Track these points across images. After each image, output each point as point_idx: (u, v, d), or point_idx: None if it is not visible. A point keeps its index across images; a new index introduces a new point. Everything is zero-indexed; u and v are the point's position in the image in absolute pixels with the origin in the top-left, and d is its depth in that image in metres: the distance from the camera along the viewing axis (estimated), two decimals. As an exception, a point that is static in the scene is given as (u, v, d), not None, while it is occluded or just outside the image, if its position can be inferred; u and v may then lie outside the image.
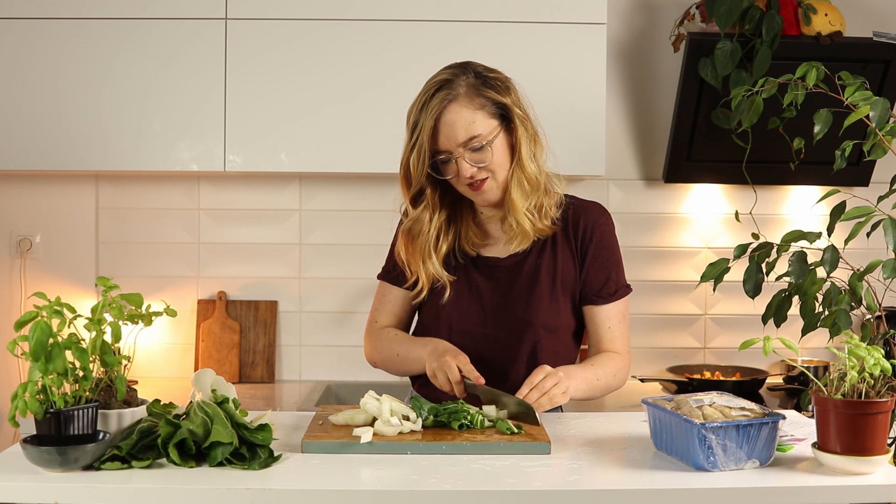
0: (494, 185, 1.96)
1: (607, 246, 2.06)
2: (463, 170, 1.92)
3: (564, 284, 2.04)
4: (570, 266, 2.04)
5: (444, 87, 1.93)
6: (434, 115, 1.91)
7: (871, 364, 1.55)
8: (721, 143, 3.01)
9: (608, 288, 2.05)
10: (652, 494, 1.50)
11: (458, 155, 1.92)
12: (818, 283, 2.29)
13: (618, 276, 2.07)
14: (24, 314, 1.55)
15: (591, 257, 2.04)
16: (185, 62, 2.88)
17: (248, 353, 3.23)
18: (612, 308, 2.06)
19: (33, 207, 3.23)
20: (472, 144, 1.91)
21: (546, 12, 2.91)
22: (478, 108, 1.92)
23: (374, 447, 1.65)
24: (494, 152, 1.93)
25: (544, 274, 2.03)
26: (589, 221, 2.05)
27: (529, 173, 1.96)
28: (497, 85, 1.97)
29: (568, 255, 2.04)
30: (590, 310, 2.07)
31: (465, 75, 1.95)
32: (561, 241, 2.04)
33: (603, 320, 2.06)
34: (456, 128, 1.91)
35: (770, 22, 2.88)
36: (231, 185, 3.25)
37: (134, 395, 1.71)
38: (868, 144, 2.27)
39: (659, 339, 3.32)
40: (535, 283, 2.02)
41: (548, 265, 2.03)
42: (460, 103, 1.91)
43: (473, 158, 1.92)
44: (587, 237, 2.04)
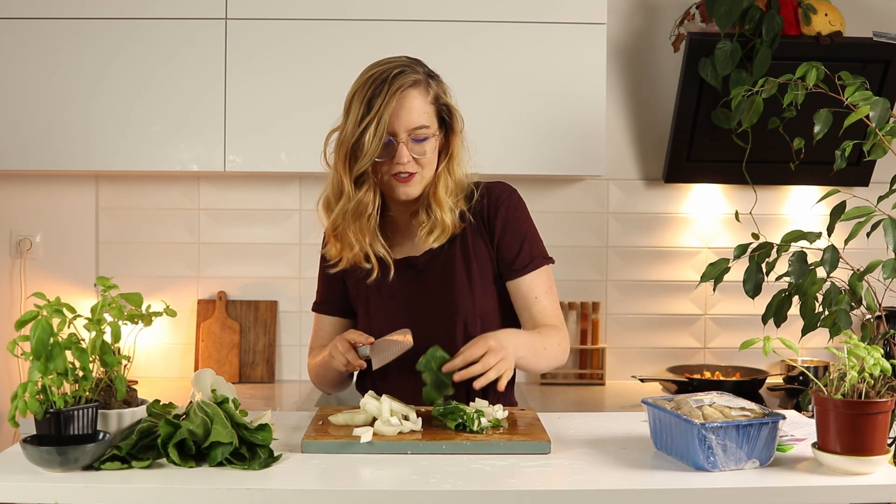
0: (419, 181, 1.95)
1: (514, 220, 2.04)
2: (401, 155, 1.90)
3: (482, 268, 2.02)
4: (483, 249, 2.03)
5: (405, 73, 1.90)
6: (397, 95, 1.88)
7: (871, 364, 1.55)
8: (721, 143, 3.01)
9: (521, 259, 2.02)
10: (652, 494, 1.50)
11: (402, 140, 1.91)
12: (818, 283, 2.29)
13: (531, 247, 2.03)
14: (24, 314, 1.55)
15: (500, 232, 2.02)
16: (185, 62, 2.88)
17: (248, 353, 3.23)
18: (533, 278, 2.02)
19: (33, 207, 3.23)
20: (417, 134, 1.91)
21: (546, 12, 2.91)
22: (431, 101, 1.93)
23: (373, 447, 1.65)
24: (431, 149, 1.94)
25: (459, 262, 2.01)
26: (492, 199, 2.04)
27: (459, 178, 1.99)
28: (445, 88, 1.98)
29: (479, 239, 2.03)
30: (511, 284, 2.03)
31: (420, 67, 1.95)
32: (469, 228, 2.03)
33: (526, 292, 2.02)
34: (412, 113, 1.89)
35: (770, 22, 2.88)
36: (231, 185, 3.25)
37: (134, 395, 1.71)
38: (868, 144, 2.27)
39: (659, 339, 3.32)
40: (452, 273, 2.01)
41: (461, 253, 2.02)
42: (419, 91, 1.91)
43: (414, 148, 1.92)
44: (492, 214, 2.03)
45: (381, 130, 1.87)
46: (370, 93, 1.89)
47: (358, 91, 1.91)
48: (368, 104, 1.88)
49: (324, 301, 2.16)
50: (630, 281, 3.31)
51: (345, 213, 1.96)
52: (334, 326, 2.15)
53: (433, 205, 1.97)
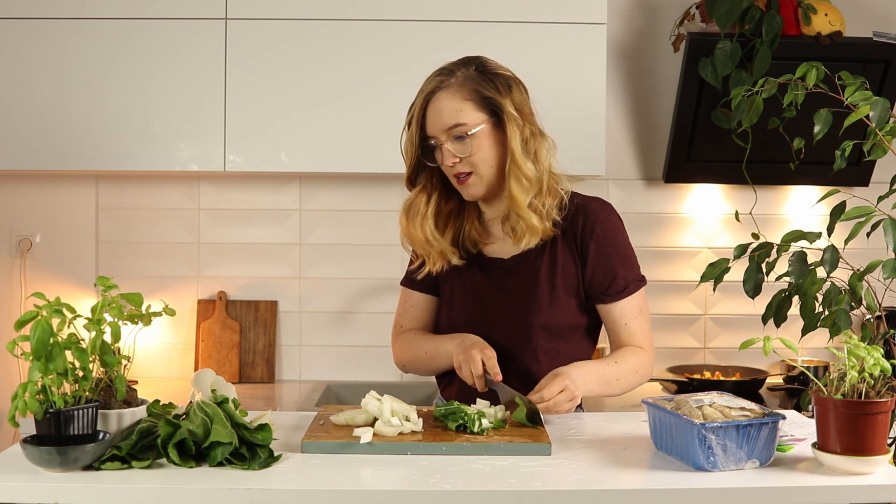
0: (478, 181, 1.96)
1: (611, 242, 2.02)
2: (444, 157, 1.94)
3: (566, 283, 2.01)
4: (571, 264, 2.01)
5: (441, 75, 1.96)
6: (425, 99, 1.95)
7: (871, 364, 1.55)
8: (721, 143, 3.01)
9: (616, 285, 2.00)
10: (652, 494, 1.50)
11: (441, 141, 1.94)
12: (818, 283, 2.29)
13: (626, 272, 2.01)
14: (24, 314, 1.55)
15: (594, 255, 2.00)
16: (185, 62, 2.88)
17: (248, 353, 3.23)
18: (626, 304, 2.01)
19: (33, 207, 3.23)
20: (455, 132, 1.92)
21: (546, 12, 2.91)
22: (466, 98, 1.93)
23: (374, 447, 1.65)
24: (478, 146, 1.93)
25: (543, 274, 2.01)
26: (588, 218, 2.02)
27: (526, 170, 1.94)
28: (497, 82, 1.96)
29: (567, 254, 2.01)
30: (603, 308, 2.03)
31: (467, 67, 1.97)
32: (560, 240, 2.02)
33: (618, 318, 2.02)
34: (442, 114, 1.93)
35: (770, 22, 2.88)
36: (231, 185, 3.25)
37: (134, 395, 1.71)
38: (868, 144, 2.27)
39: (659, 339, 3.30)
40: (535, 283, 2.00)
41: (547, 265, 2.01)
42: (451, 91, 1.94)
43: (456, 148, 1.93)
44: (586, 234, 2.01)
45: (413, 136, 1.96)
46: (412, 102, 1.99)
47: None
48: (409, 112, 1.98)
49: (413, 275, 2.13)
50: (630, 281, 3.30)
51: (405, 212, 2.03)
52: (422, 303, 2.15)
53: (514, 208, 1.96)
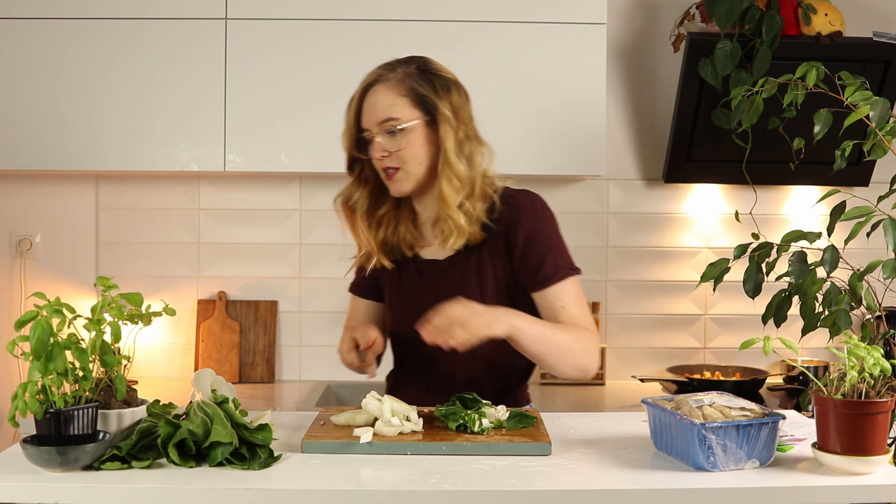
0: (405, 177, 1.96)
1: (538, 230, 1.98)
2: (374, 150, 1.95)
3: (497, 282, 1.99)
4: (501, 263, 1.99)
5: (382, 69, 1.98)
6: (363, 91, 1.97)
7: (871, 364, 1.55)
8: (721, 143, 3.01)
9: (545, 270, 1.95)
10: (652, 494, 1.50)
11: (373, 134, 1.94)
12: (818, 283, 2.29)
13: (556, 259, 1.97)
14: (24, 314, 1.55)
15: (522, 244, 1.97)
16: (185, 62, 2.88)
17: (248, 353, 3.23)
18: (560, 288, 1.95)
19: (33, 207, 3.23)
20: (386, 126, 1.93)
21: (546, 12, 2.91)
22: (403, 93, 1.94)
23: (373, 447, 1.65)
24: (408, 141, 1.93)
25: (472, 274, 1.99)
26: (514, 211, 1.99)
27: (457, 170, 1.93)
28: (435, 82, 1.97)
29: (498, 251, 1.99)
30: (538, 297, 1.97)
31: (409, 65, 1.98)
32: (490, 238, 1.99)
33: (553, 301, 1.95)
34: (377, 107, 1.94)
35: (770, 22, 2.88)
36: (231, 185, 3.25)
37: (134, 395, 1.71)
38: (868, 144, 2.27)
39: (659, 339, 3.32)
40: (465, 283, 1.99)
41: (475, 264, 1.99)
42: (388, 85, 1.95)
43: (386, 142, 1.94)
44: (514, 226, 1.97)
45: (350, 127, 1.97)
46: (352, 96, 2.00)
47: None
48: (348, 106, 1.99)
49: (358, 283, 2.19)
50: (630, 281, 3.31)
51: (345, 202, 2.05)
52: (367, 309, 2.19)
53: (442, 207, 1.95)
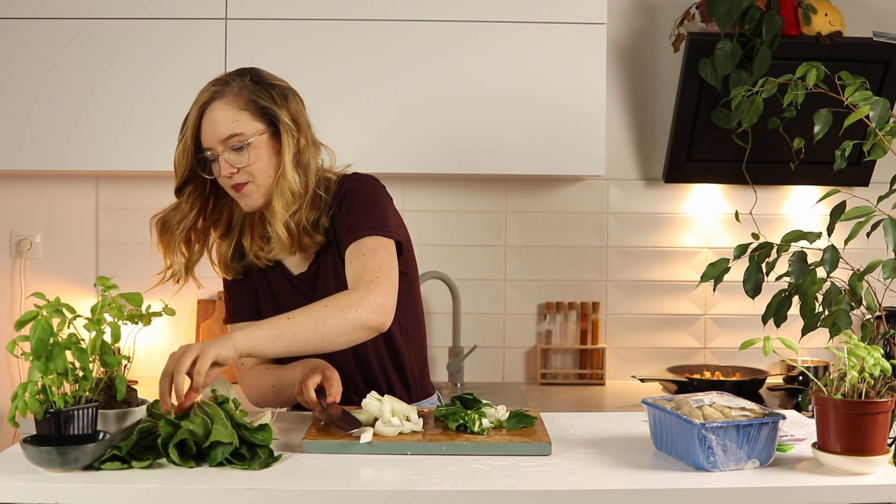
0: (255, 190, 1.92)
1: (355, 193, 1.95)
2: (222, 168, 1.89)
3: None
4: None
5: (217, 85, 1.92)
6: (200, 110, 1.90)
7: (871, 364, 1.55)
8: (721, 143, 3.01)
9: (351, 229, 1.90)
10: (652, 494, 1.50)
11: (218, 152, 1.89)
12: (818, 283, 2.29)
13: (369, 219, 1.91)
14: (24, 314, 1.55)
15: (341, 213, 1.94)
16: (185, 62, 2.88)
17: (248, 353, 3.23)
18: (358, 244, 1.87)
19: (33, 207, 3.23)
20: (232, 143, 1.88)
21: (546, 12, 2.91)
22: (242, 107, 1.90)
23: (373, 447, 1.65)
24: (255, 156, 1.89)
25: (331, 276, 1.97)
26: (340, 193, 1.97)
27: (292, 184, 1.90)
28: (272, 92, 1.94)
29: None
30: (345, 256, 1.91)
31: (242, 78, 1.94)
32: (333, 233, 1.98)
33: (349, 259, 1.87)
34: (218, 124, 1.89)
35: (770, 22, 2.88)
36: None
37: (134, 395, 1.71)
38: (868, 144, 2.27)
39: (659, 339, 3.32)
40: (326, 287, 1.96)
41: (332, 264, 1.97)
42: (226, 101, 1.90)
43: (232, 158, 1.89)
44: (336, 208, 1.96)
45: (187, 149, 1.91)
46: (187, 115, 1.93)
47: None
48: (183, 124, 1.93)
49: (235, 310, 2.08)
50: (630, 281, 3.31)
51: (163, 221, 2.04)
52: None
53: (269, 217, 1.94)
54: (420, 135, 2.90)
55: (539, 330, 3.30)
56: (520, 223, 3.29)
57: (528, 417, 1.79)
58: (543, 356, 3.26)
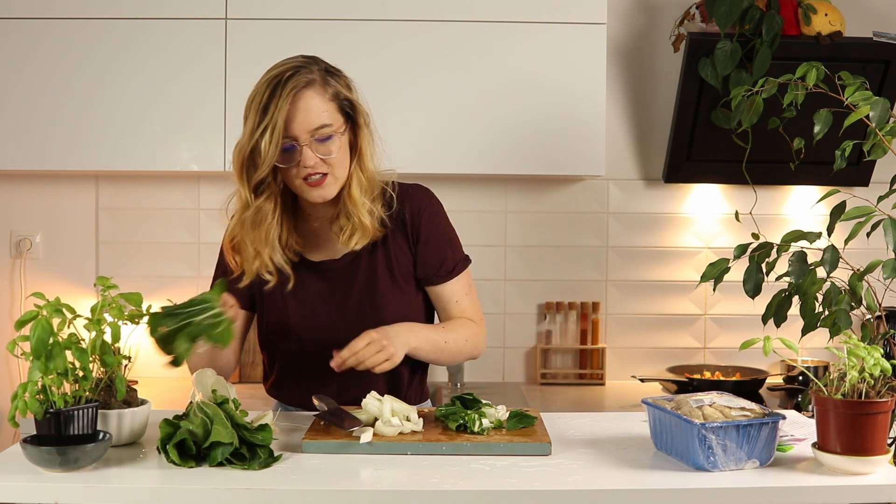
0: (333, 182, 1.91)
1: (437, 225, 2.03)
2: (307, 158, 1.85)
3: (403, 273, 2.01)
4: (405, 253, 2.01)
5: (298, 73, 1.85)
6: (290, 98, 1.83)
7: (871, 364, 1.55)
8: (721, 143, 3.01)
9: (446, 266, 2.03)
10: (652, 494, 1.50)
11: (304, 142, 1.85)
12: (818, 283, 2.29)
13: (454, 253, 2.05)
14: (24, 313, 1.55)
15: (424, 239, 2.01)
16: (185, 62, 2.88)
17: (248, 353, 3.23)
18: (455, 284, 2.04)
19: (33, 207, 3.23)
20: (320, 134, 1.85)
21: (546, 12, 2.91)
22: (330, 98, 1.88)
23: (373, 447, 1.65)
24: (338, 147, 1.89)
25: (381, 267, 2.00)
26: (414, 206, 2.01)
27: (369, 174, 1.94)
28: (343, 82, 1.93)
29: (401, 243, 2.01)
30: (434, 290, 2.05)
31: (317, 65, 1.90)
32: (390, 231, 2.00)
33: (449, 297, 2.04)
34: (310, 114, 1.84)
35: (770, 22, 2.88)
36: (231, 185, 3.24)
37: (134, 395, 1.71)
38: (868, 144, 2.27)
39: (659, 339, 3.32)
40: (374, 278, 1.99)
41: (382, 258, 2.00)
42: (315, 90, 1.86)
43: (319, 149, 1.86)
44: (416, 221, 2.01)
45: (277, 136, 1.82)
46: (265, 98, 1.84)
47: (254, 98, 1.87)
48: (264, 110, 1.83)
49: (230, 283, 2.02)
50: (630, 281, 3.31)
51: (243, 222, 1.93)
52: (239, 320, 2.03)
53: (350, 207, 1.94)
54: (420, 135, 2.90)
55: (539, 330, 3.30)
56: (520, 223, 3.29)
57: (528, 417, 1.79)
58: (543, 356, 3.26)
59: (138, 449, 1.67)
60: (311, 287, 2.01)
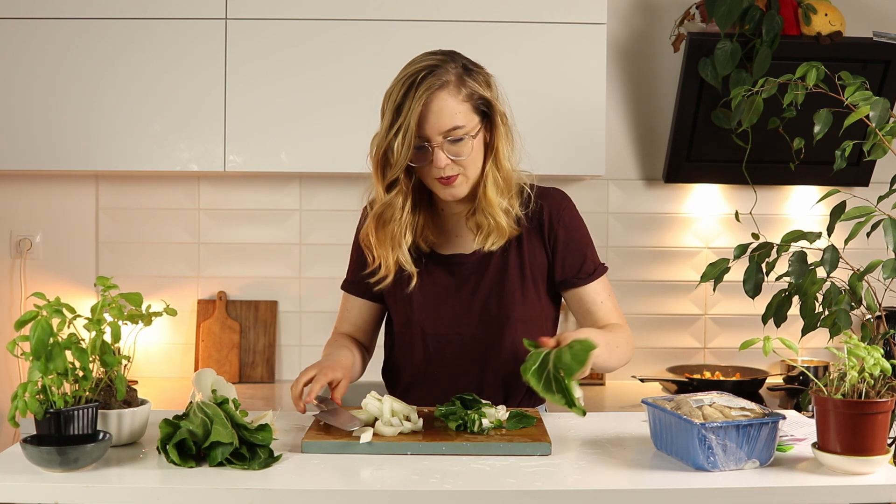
0: (464, 181, 1.91)
1: (577, 228, 2.02)
2: (438, 160, 1.86)
3: (534, 274, 1.99)
4: (539, 255, 2.00)
5: (434, 73, 1.85)
6: (423, 100, 1.83)
7: (871, 364, 1.55)
8: (721, 143, 3.01)
9: (586, 268, 2.00)
10: (652, 494, 1.50)
11: (436, 144, 1.85)
12: (818, 283, 2.29)
13: (593, 256, 2.03)
14: (24, 314, 1.55)
15: (563, 241, 1.99)
16: (185, 62, 2.88)
17: (248, 353, 3.23)
18: (597, 285, 2.01)
19: (33, 207, 3.23)
20: (452, 135, 1.85)
21: (546, 12, 2.91)
22: (464, 99, 1.87)
23: (373, 447, 1.65)
24: (472, 148, 1.89)
25: (512, 266, 1.98)
26: (553, 208, 2.00)
27: (506, 173, 1.93)
28: (481, 80, 1.92)
29: (536, 244, 2.00)
30: (575, 293, 2.01)
31: (454, 63, 1.90)
32: (525, 231, 2.00)
33: (593, 297, 2.01)
34: (442, 116, 1.84)
35: (770, 22, 2.88)
36: (231, 185, 3.25)
37: (134, 395, 1.71)
38: (868, 144, 2.27)
39: (659, 339, 3.32)
40: (505, 277, 1.98)
41: (515, 257, 1.99)
42: (449, 91, 1.85)
43: (451, 150, 1.86)
44: (554, 222, 2.00)
45: (410, 138, 1.83)
46: (399, 97, 1.85)
47: (390, 94, 1.88)
48: (397, 110, 1.84)
49: (354, 281, 2.08)
50: (630, 281, 3.31)
51: (376, 217, 1.95)
52: (362, 309, 2.11)
53: (485, 206, 1.93)
54: (420, 135, 2.90)
55: (539, 330, 3.30)
56: (520, 223, 3.29)
57: (528, 417, 1.79)
58: (543, 356, 3.25)
59: (138, 449, 1.67)
60: (438, 280, 2.01)
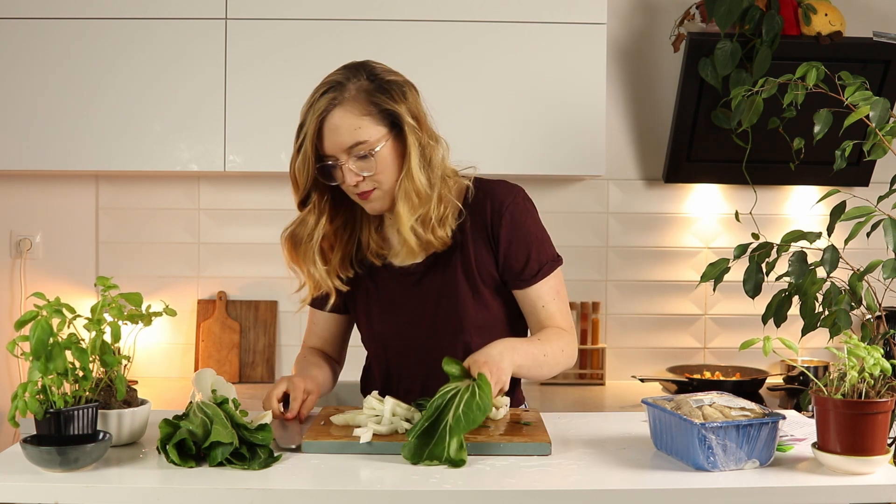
0: (381, 195, 1.86)
1: (521, 225, 1.93)
2: (347, 177, 1.82)
3: (483, 277, 1.94)
4: (486, 256, 1.94)
5: (333, 90, 1.82)
6: (319, 119, 1.80)
7: (871, 364, 1.55)
8: (721, 143, 3.01)
9: (530, 269, 1.93)
10: (652, 494, 1.50)
11: (342, 161, 1.82)
12: (818, 283, 2.29)
13: (539, 254, 1.94)
14: (24, 314, 1.55)
15: (506, 241, 1.92)
16: (185, 62, 2.88)
17: (248, 353, 3.23)
18: (541, 287, 1.94)
19: (33, 207, 3.23)
20: (356, 151, 1.81)
21: (546, 12, 2.91)
22: (364, 113, 1.81)
23: (373, 447, 1.65)
24: (381, 161, 1.83)
25: (460, 273, 1.93)
26: (495, 204, 1.93)
27: (419, 185, 1.84)
28: (391, 89, 1.86)
29: (481, 245, 1.94)
30: (519, 294, 1.96)
31: (357, 78, 1.84)
32: (470, 231, 1.94)
33: (535, 300, 1.95)
34: (340, 133, 1.80)
35: (770, 22, 2.89)
36: (231, 185, 3.25)
37: (134, 395, 1.71)
38: (868, 144, 2.27)
39: (659, 339, 3.32)
40: (454, 284, 1.94)
41: (461, 263, 1.94)
42: (346, 108, 1.81)
43: (358, 166, 1.82)
44: (496, 221, 1.93)
45: (308, 158, 1.81)
46: (301, 119, 1.84)
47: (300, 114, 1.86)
48: (298, 130, 1.83)
49: (318, 296, 2.04)
50: (630, 281, 3.31)
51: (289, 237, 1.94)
52: (328, 322, 2.11)
53: (396, 223, 1.89)
54: (420, 135, 2.90)
55: (539, 330, 3.30)
56: (520, 223, 3.29)
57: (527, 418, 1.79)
58: (543, 356, 3.26)
59: (138, 449, 1.67)
60: (394, 291, 1.98)
